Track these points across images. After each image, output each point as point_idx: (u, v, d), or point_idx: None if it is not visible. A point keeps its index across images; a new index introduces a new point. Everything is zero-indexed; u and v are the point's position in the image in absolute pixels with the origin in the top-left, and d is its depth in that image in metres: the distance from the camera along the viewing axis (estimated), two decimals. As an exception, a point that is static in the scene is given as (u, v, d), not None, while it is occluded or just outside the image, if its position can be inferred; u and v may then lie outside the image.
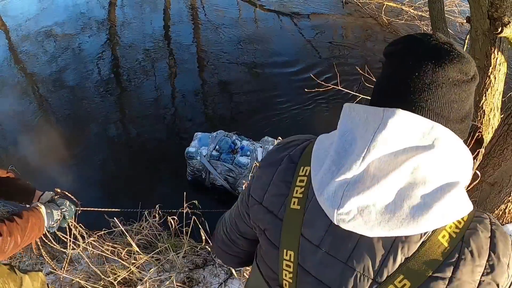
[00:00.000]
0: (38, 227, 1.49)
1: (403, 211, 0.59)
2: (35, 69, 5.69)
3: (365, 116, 0.64)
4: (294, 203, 0.71)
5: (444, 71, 0.62)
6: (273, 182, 0.76)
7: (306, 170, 0.72)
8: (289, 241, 0.71)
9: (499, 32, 2.09)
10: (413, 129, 0.60)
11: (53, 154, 4.42)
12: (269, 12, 6.79)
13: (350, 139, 0.65)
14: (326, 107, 4.75)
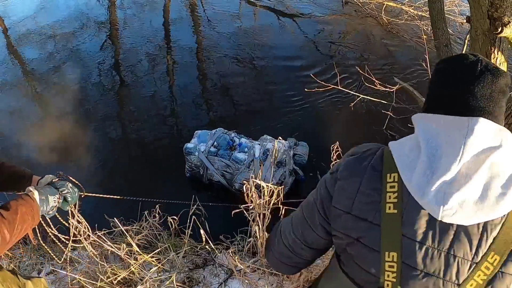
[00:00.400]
0: (31, 216, 1.34)
1: (490, 200, 0.74)
2: (35, 68, 5.69)
3: (447, 125, 0.77)
4: (390, 208, 0.79)
5: (498, 83, 0.79)
6: (361, 191, 0.83)
7: (394, 176, 0.81)
8: (391, 243, 0.79)
9: (499, 32, 2.09)
10: (488, 132, 0.75)
11: (53, 153, 4.42)
12: (269, 12, 6.79)
13: (435, 145, 0.77)
14: (326, 106, 4.75)
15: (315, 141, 4.33)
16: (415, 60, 5.01)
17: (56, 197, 1.48)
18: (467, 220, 0.74)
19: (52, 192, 1.49)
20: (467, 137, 0.74)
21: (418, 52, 5.15)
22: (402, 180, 0.79)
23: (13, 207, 1.29)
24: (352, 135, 4.36)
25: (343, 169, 0.88)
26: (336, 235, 0.89)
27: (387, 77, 4.75)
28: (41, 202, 1.41)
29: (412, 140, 0.83)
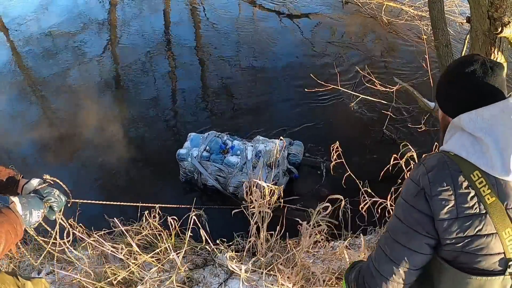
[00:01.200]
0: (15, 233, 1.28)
1: None
2: (35, 68, 5.69)
3: (493, 114, 0.97)
4: (489, 198, 0.94)
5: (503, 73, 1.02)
6: (458, 194, 0.96)
7: (476, 173, 0.96)
8: (502, 222, 0.94)
9: (499, 32, 2.09)
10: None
11: (53, 154, 4.43)
12: (269, 12, 6.79)
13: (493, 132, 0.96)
14: (326, 106, 4.75)
15: (315, 141, 4.33)
16: (415, 60, 5.01)
17: (40, 212, 1.42)
18: None
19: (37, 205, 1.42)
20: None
21: (418, 52, 5.15)
22: (483, 173, 0.95)
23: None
24: (352, 135, 4.36)
25: (432, 185, 0.98)
26: (449, 243, 0.98)
27: (387, 77, 4.75)
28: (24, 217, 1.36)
29: (466, 139, 1.00)
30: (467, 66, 1.02)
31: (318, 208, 2.29)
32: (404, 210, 1.03)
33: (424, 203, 0.98)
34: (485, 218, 0.94)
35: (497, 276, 0.97)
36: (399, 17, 6.19)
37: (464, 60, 1.04)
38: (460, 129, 1.03)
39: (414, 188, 1.01)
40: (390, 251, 1.05)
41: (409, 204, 1.02)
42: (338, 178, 2.79)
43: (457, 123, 1.03)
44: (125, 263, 2.32)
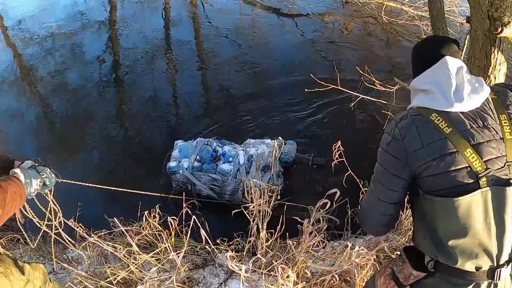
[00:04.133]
0: (19, 195, 1.45)
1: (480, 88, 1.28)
2: (35, 68, 5.69)
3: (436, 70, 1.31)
4: (446, 130, 1.20)
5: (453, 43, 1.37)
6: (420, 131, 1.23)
7: (435, 115, 1.23)
8: (462, 144, 1.18)
9: (499, 32, 2.09)
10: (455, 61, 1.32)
11: (52, 153, 4.43)
12: (269, 12, 6.79)
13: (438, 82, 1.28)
14: (326, 106, 4.75)
15: (315, 141, 4.33)
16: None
17: (38, 181, 1.60)
18: (477, 102, 1.24)
19: (35, 175, 1.59)
20: (448, 66, 1.29)
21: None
22: (439, 113, 1.23)
23: (3, 187, 1.38)
24: (352, 135, 4.37)
25: (402, 131, 1.25)
26: (424, 170, 1.21)
27: (387, 77, 4.75)
28: (26, 185, 1.51)
29: (420, 95, 1.31)
30: (427, 42, 1.40)
31: (318, 205, 2.29)
32: (381, 155, 1.31)
33: (396, 149, 1.26)
34: (445, 142, 1.19)
35: (476, 191, 1.15)
36: (399, 17, 6.18)
37: (426, 38, 1.43)
38: (415, 90, 1.35)
39: (387, 138, 1.29)
40: (373, 187, 1.35)
41: (384, 150, 1.30)
42: (339, 178, 2.79)
43: (413, 85, 1.36)
44: (125, 263, 2.32)
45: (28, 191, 1.53)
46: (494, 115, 1.23)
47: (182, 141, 3.93)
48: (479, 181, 1.16)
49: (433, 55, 1.32)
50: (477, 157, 1.16)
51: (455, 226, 1.17)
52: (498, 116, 1.23)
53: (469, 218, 1.16)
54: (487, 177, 1.16)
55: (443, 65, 1.28)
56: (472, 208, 1.15)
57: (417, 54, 1.39)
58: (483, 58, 2.71)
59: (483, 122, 1.21)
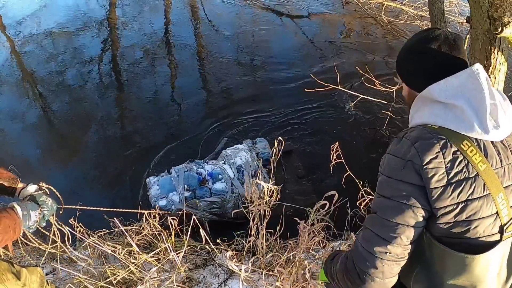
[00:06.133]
0: (13, 229, 1.41)
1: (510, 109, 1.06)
2: (35, 68, 5.68)
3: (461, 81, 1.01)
4: (481, 165, 0.96)
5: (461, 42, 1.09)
6: (447, 160, 0.96)
7: (466, 143, 0.97)
8: (496, 187, 0.96)
9: (499, 32, 2.09)
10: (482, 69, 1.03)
11: (53, 154, 4.43)
12: (269, 12, 6.79)
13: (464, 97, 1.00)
14: (326, 106, 4.75)
15: (314, 141, 4.33)
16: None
17: (37, 212, 1.56)
18: (509, 128, 1.00)
19: (33, 207, 1.55)
20: (480, 79, 0.99)
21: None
22: (471, 140, 0.97)
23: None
24: (352, 135, 4.37)
25: (423, 155, 0.97)
26: (443, 213, 0.97)
27: (387, 77, 4.75)
28: (24, 217, 1.49)
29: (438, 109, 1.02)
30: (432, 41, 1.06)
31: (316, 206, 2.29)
32: (390, 186, 1.02)
33: (414, 175, 0.97)
34: (474, 182, 0.95)
35: (498, 245, 0.97)
36: (399, 17, 6.19)
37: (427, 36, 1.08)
38: (429, 101, 1.05)
39: (400, 162, 1.00)
40: (380, 230, 1.02)
41: (395, 179, 1.01)
42: (338, 178, 2.79)
43: (426, 95, 1.05)
44: (124, 263, 2.32)
45: (27, 224, 1.50)
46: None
47: (154, 177, 3.66)
48: (504, 233, 0.98)
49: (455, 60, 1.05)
50: (507, 203, 0.97)
51: (467, 281, 1.00)
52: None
53: (485, 274, 0.99)
54: (510, 228, 0.98)
55: (473, 75, 0.99)
56: (490, 264, 0.98)
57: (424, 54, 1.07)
58: (483, 58, 2.71)
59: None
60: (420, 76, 1.09)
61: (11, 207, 1.48)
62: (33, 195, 1.62)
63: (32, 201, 1.60)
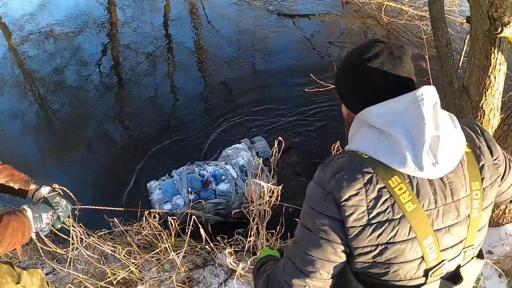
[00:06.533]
0: (22, 232, 1.38)
1: (457, 139, 0.91)
2: (35, 68, 5.69)
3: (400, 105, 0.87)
4: (409, 206, 0.85)
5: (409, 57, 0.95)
6: (369, 198, 0.85)
7: (395, 179, 0.85)
8: (424, 230, 0.86)
9: (499, 32, 2.09)
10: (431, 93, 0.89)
11: (53, 153, 4.43)
12: (269, 12, 6.78)
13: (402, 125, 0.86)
14: (326, 106, 4.75)
15: (314, 141, 4.33)
16: (415, 60, 5.01)
17: (49, 214, 1.52)
18: (452, 164, 0.88)
19: (45, 209, 1.52)
20: (423, 106, 0.84)
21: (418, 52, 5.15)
22: (402, 176, 0.85)
23: (5, 221, 1.34)
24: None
25: (342, 190, 0.86)
26: (361, 253, 0.88)
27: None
28: (35, 220, 1.45)
29: (373, 135, 0.89)
30: (373, 59, 0.89)
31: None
32: (311, 218, 0.91)
33: (334, 208, 0.87)
34: (398, 224, 0.85)
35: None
36: (399, 17, 6.19)
37: (367, 51, 0.90)
38: (366, 125, 0.91)
39: (322, 192, 0.89)
40: (300, 263, 0.94)
41: (316, 211, 0.90)
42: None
43: (363, 118, 0.91)
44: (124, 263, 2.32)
45: (38, 226, 1.46)
46: (466, 184, 0.90)
47: (155, 181, 3.61)
48: (428, 277, 0.90)
49: (399, 80, 0.90)
50: (436, 247, 0.88)
51: None
52: (470, 185, 0.90)
53: None
54: (438, 272, 0.90)
55: (416, 101, 0.85)
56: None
57: (363, 76, 0.91)
58: (483, 58, 2.71)
59: (452, 196, 0.88)
60: (359, 100, 0.93)
61: (21, 209, 1.46)
62: (46, 197, 1.59)
63: (45, 203, 1.57)
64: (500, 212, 2.62)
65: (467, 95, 3.10)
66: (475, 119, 2.96)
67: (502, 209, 2.60)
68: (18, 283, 1.68)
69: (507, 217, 2.65)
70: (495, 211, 2.63)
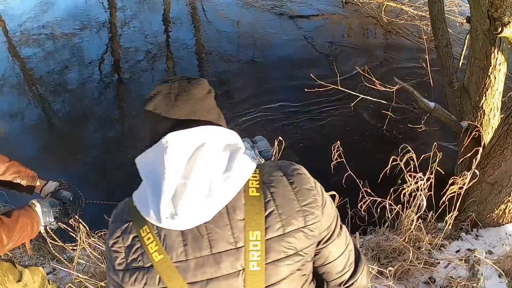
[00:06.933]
0: (31, 226, 1.41)
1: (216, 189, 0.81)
2: (35, 68, 5.69)
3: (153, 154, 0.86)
4: (156, 256, 0.83)
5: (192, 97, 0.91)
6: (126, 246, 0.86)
7: (145, 229, 0.84)
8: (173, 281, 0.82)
9: (499, 32, 2.09)
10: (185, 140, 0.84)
11: (52, 153, 4.43)
12: (269, 12, 6.78)
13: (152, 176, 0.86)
14: (326, 106, 4.75)
15: (314, 141, 4.33)
16: (415, 60, 5.01)
17: (58, 208, 1.54)
18: (207, 216, 0.79)
19: (54, 204, 1.55)
20: (166, 154, 0.80)
21: (418, 52, 5.15)
22: (151, 226, 0.84)
23: (15, 216, 1.37)
24: (352, 135, 4.37)
25: (109, 236, 0.89)
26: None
27: (387, 77, 4.75)
28: (44, 214, 1.48)
29: (141, 185, 0.89)
30: (148, 101, 0.89)
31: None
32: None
33: (108, 250, 0.89)
34: (148, 273, 0.84)
35: None
36: (399, 17, 6.19)
37: (149, 95, 0.92)
38: None
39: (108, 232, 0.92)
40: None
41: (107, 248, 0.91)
42: (338, 178, 2.79)
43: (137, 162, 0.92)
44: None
45: (47, 220, 1.49)
46: (236, 233, 0.82)
47: None
48: None
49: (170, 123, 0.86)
50: None
51: None
52: (246, 235, 0.81)
53: None
54: None
55: (161, 148, 0.83)
56: None
57: (145, 119, 0.92)
58: (483, 58, 2.71)
59: (211, 249, 0.82)
60: (147, 145, 0.92)
61: (30, 204, 1.48)
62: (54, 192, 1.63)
63: (53, 198, 1.60)
64: (500, 212, 2.62)
65: (467, 95, 3.10)
66: (475, 119, 2.96)
67: (502, 209, 2.60)
68: (20, 280, 1.69)
69: (507, 217, 2.65)
70: (495, 211, 2.63)
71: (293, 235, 0.83)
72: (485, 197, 2.65)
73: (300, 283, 0.88)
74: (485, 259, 2.26)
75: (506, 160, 2.45)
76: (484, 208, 2.68)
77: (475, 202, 2.72)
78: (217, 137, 0.85)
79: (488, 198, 2.63)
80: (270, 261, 0.82)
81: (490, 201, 2.63)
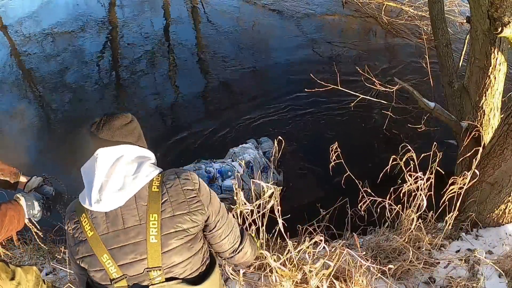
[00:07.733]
0: (17, 220, 1.49)
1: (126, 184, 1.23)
2: (35, 68, 5.69)
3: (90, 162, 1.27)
4: (89, 233, 1.21)
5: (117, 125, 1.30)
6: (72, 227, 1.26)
7: (84, 215, 1.23)
8: (99, 250, 1.20)
9: (499, 32, 2.09)
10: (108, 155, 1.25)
11: (52, 153, 4.43)
12: (269, 12, 6.79)
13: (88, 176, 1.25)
14: (326, 107, 4.75)
15: (314, 141, 4.33)
16: (415, 60, 5.01)
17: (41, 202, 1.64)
18: (121, 202, 1.19)
19: (37, 197, 1.65)
20: (97, 162, 1.22)
21: (418, 52, 5.15)
22: (87, 212, 1.22)
23: (3, 210, 1.43)
24: (351, 135, 4.37)
25: (64, 224, 1.28)
26: (79, 259, 1.24)
27: (387, 77, 4.75)
28: (28, 207, 1.58)
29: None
30: (90, 128, 1.27)
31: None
32: None
33: (66, 234, 1.29)
34: (85, 244, 1.21)
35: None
36: (399, 17, 6.19)
37: (90, 124, 1.29)
38: None
39: None
40: None
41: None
42: (337, 179, 2.79)
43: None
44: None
45: (31, 212, 1.58)
46: (141, 214, 1.20)
47: None
48: (114, 284, 1.21)
49: (100, 143, 1.26)
50: (113, 262, 1.20)
51: None
52: (148, 215, 1.20)
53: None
54: (126, 282, 1.21)
55: (93, 158, 1.25)
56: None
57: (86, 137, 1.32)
58: (483, 58, 2.71)
59: (124, 224, 1.20)
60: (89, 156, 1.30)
61: (15, 198, 1.56)
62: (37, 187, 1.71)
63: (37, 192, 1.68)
64: (500, 212, 2.62)
65: (467, 95, 3.10)
66: (475, 119, 2.96)
67: (502, 209, 2.60)
68: (13, 279, 1.70)
69: (507, 217, 2.64)
70: (495, 211, 2.63)
71: (180, 217, 1.21)
72: (485, 197, 2.64)
73: (189, 253, 1.24)
74: (485, 259, 2.26)
75: (506, 160, 2.44)
76: (484, 208, 2.68)
77: (475, 202, 2.71)
78: (132, 152, 1.26)
79: (488, 198, 2.63)
80: (163, 234, 1.19)
81: (490, 201, 2.62)
